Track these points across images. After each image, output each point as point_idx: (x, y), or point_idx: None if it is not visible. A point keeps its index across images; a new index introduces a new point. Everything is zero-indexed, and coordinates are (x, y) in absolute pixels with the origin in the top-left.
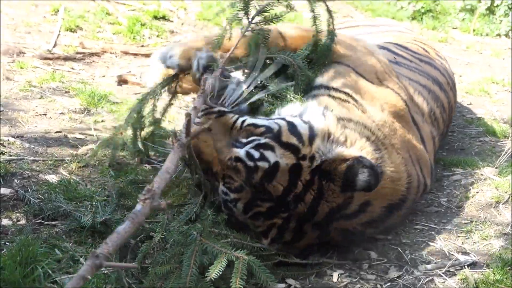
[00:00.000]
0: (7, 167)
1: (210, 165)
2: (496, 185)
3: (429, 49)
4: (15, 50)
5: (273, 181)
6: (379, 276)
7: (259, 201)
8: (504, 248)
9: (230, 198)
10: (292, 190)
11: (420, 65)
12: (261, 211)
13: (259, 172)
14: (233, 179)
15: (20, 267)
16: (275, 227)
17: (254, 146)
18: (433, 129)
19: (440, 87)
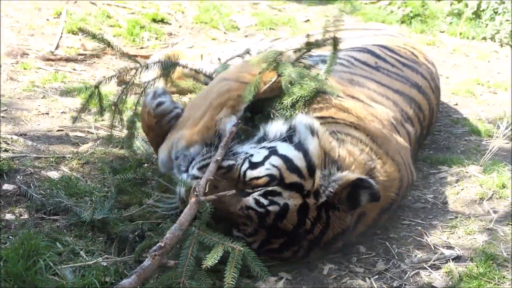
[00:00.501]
0: (10, 164)
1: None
2: (480, 182)
3: (418, 54)
4: (19, 51)
5: (284, 220)
6: (367, 269)
7: (272, 239)
8: (488, 243)
9: (245, 241)
10: (301, 227)
11: (402, 69)
12: (274, 248)
13: (271, 215)
14: (247, 225)
15: (22, 260)
16: (283, 259)
17: (262, 194)
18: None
19: (418, 90)
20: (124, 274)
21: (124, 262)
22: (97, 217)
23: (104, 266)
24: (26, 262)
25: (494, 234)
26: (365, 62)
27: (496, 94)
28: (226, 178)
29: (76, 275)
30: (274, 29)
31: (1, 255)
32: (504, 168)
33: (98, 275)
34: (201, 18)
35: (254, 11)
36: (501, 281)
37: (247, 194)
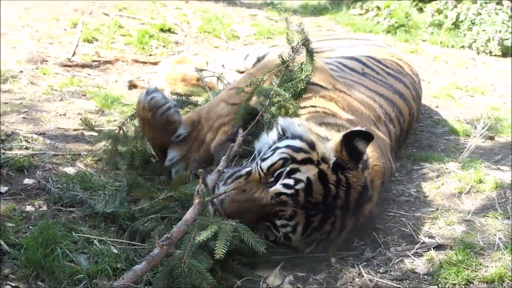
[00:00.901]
0: (30, 160)
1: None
2: (459, 177)
3: (404, 65)
4: (39, 58)
5: (313, 194)
6: (356, 257)
7: (311, 218)
8: (466, 233)
9: (290, 226)
10: (329, 194)
11: (386, 78)
12: (315, 227)
13: (300, 193)
14: (284, 210)
15: (41, 248)
16: (325, 233)
17: (285, 177)
18: (390, 126)
19: (400, 97)
20: (134, 261)
21: (134, 250)
22: (108, 210)
23: (116, 254)
24: (45, 250)
25: (472, 225)
26: (353, 68)
27: (473, 98)
28: (249, 181)
29: (90, 261)
30: (271, 38)
31: (22, 244)
32: (481, 165)
33: (110, 261)
34: (204, 28)
35: (253, 22)
36: (478, 267)
37: (272, 185)
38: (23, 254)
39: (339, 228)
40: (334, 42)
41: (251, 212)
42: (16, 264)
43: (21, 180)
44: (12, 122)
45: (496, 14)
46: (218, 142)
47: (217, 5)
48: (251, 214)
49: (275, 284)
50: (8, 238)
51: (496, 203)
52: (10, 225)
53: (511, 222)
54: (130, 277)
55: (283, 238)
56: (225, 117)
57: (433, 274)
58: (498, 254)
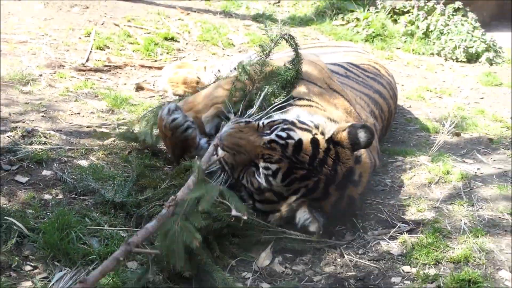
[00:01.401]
0: (48, 154)
1: (249, 153)
2: (429, 169)
3: (380, 68)
4: (56, 64)
5: (301, 152)
6: (338, 239)
7: (294, 169)
8: (435, 218)
9: (272, 169)
10: (316, 156)
11: (366, 80)
12: (296, 177)
13: (289, 147)
14: (272, 155)
15: (57, 232)
16: (307, 187)
17: (280, 130)
18: (375, 122)
19: (380, 96)
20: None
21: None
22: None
23: (124, 237)
24: (61, 234)
25: (440, 212)
26: (337, 72)
27: (441, 99)
28: (248, 127)
29: (101, 244)
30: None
31: (40, 228)
32: (448, 158)
33: (119, 244)
34: (203, 37)
35: (246, 31)
36: (446, 249)
37: (267, 135)
38: (41, 238)
39: (322, 190)
40: (318, 49)
41: (244, 150)
42: (35, 246)
43: (40, 171)
44: (32, 120)
45: (462, 25)
46: (209, 114)
47: (215, 17)
48: (244, 154)
49: (265, 264)
50: (28, 223)
51: (462, 192)
52: (30, 212)
53: (475, 209)
54: (142, 234)
55: (264, 182)
56: (219, 98)
57: (406, 255)
58: (464, 238)
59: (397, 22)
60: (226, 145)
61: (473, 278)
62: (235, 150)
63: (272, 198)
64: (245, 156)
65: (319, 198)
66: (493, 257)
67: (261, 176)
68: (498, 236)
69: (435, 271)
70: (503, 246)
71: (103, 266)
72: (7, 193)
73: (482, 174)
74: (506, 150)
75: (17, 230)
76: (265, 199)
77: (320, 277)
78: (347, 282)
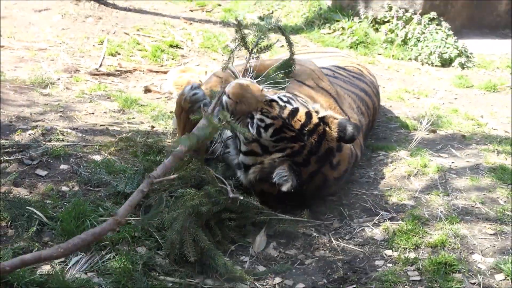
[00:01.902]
0: (65, 150)
1: (250, 105)
2: (408, 163)
3: (362, 69)
4: (73, 68)
5: (295, 118)
6: (326, 227)
7: (285, 129)
8: (414, 207)
9: (265, 123)
10: (307, 125)
11: (352, 79)
12: (285, 137)
13: (286, 110)
14: (269, 111)
15: (74, 220)
16: (292, 149)
17: (282, 95)
18: (361, 118)
19: (365, 93)
20: (148, 230)
21: (149, 222)
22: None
23: (134, 225)
24: (77, 222)
25: (419, 201)
26: (327, 74)
27: (419, 99)
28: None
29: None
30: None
31: (58, 217)
32: (425, 152)
33: (130, 231)
34: (205, 44)
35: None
36: (424, 235)
37: (270, 96)
38: (59, 225)
39: (304, 157)
40: (307, 55)
41: (246, 102)
42: (53, 233)
43: (58, 166)
44: (51, 120)
45: (437, 33)
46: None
47: (215, 26)
48: (245, 105)
49: (261, 248)
50: (47, 212)
51: (438, 183)
52: (49, 202)
53: (450, 198)
54: (161, 168)
55: (255, 132)
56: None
57: (388, 240)
58: (440, 224)
59: (378, 31)
60: (233, 92)
61: (449, 261)
62: (239, 98)
63: (257, 150)
64: (245, 107)
65: (299, 164)
66: (467, 242)
67: (254, 127)
68: (471, 223)
69: (415, 255)
70: (476, 232)
71: (130, 199)
72: (28, 185)
73: (456, 167)
74: (477, 145)
75: (37, 219)
76: (250, 151)
77: (311, 260)
78: (335, 265)
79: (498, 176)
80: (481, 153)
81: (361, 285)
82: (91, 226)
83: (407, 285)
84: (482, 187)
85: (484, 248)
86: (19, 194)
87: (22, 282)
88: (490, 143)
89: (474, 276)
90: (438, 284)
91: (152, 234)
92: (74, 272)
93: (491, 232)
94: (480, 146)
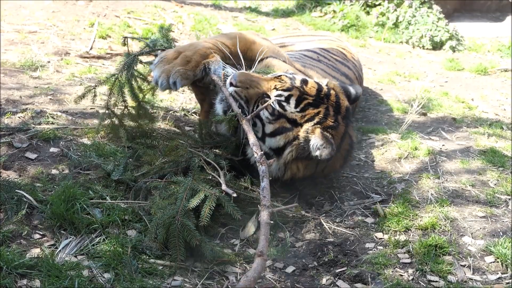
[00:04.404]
0: (55, 133)
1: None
2: (399, 146)
3: (347, 53)
4: (63, 51)
5: (308, 85)
6: (317, 209)
7: (305, 95)
8: (404, 190)
9: (284, 96)
10: (321, 90)
11: (335, 63)
12: (309, 102)
13: (297, 80)
14: (283, 84)
15: (64, 203)
16: (320, 114)
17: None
18: None
19: (346, 77)
20: (138, 214)
21: (139, 205)
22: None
23: (124, 208)
24: (66, 205)
25: (409, 183)
26: (310, 57)
27: (410, 82)
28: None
29: (103, 214)
30: None
31: (48, 200)
32: (416, 135)
33: (120, 214)
34: (196, 27)
35: (234, 22)
36: (414, 217)
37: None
38: (49, 209)
39: (333, 118)
40: (295, 38)
41: (256, 84)
42: (43, 216)
43: (48, 148)
44: (41, 102)
45: (428, 16)
46: (213, 60)
47: (206, 9)
48: (256, 87)
49: (251, 232)
50: (37, 195)
51: (429, 166)
52: (38, 185)
53: (441, 181)
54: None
55: (278, 107)
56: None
57: (379, 223)
58: (431, 207)
59: (370, 14)
60: (239, 80)
61: (439, 244)
62: (247, 84)
63: (286, 125)
64: (257, 90)
65: (331, 127)
66: (457, 224)
67: (275, 103)
68: (461, 206)
69: (405, 238)
70: (466, 214)
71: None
72: (17, 169)
73: (447, 150)
74: (468, 128)
75: (27, 202)
76: (279, 128)
77: (302, 243)
78: (326, 248)
79: (489, 159)
80: (472, 136)
81: (351, 268)
82: (81, 209)
83: (398, 267)
84: (472, 169)
85: (474, 230)
86: (8, 177)
87: (12, 265)
88: (480, 126)
89: (464, 259)
90: (428, 266)
91: (142, 217)
92: (63, 255)
93: (481, 215)
94: (470, 129)
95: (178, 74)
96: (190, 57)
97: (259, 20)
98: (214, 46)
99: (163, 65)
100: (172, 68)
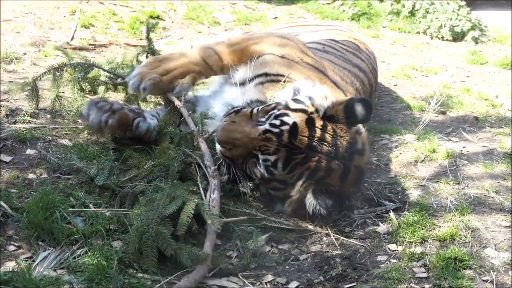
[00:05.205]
0: (32, 133)
1: (246, 146)
2: (415, 148)
3: (360, 44)
4: (41, 42)
5: (298, 136)
6: (325, 218)
7: (293, 155)
8: (421, 197)
9: (271, 161)
10: (314, 136)
11: (345, 54)
12: (297, 162)
13: (284, 134)
14: (268, 146)
15: (42, 211)
16: (309, 169)
17: (273, 118)
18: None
19: (359, 69)
20: (124, 223)
21: (125, 213)
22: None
23: (109, 216)
24: (45, 213)
25: (426, 190)
26: (315, 48)
27: (427, 77)
28: (240, 116)
29: (86, 223)
30: (249, 25)
31: (24, 207)
32: (434, 136)
33: (104, 223)
34: (189, 15)
35: (232, 9)
36: (432, 227)
37: (262, 124)
38: (25, 217)
39: (325, 168)
40: (300, 28)
41: (240, 143)
42: (19, 226)
43: (24, 150)
44: (16, 99)
45: (448, 3)
46: (185, 82)
47: None
48: (240, 147)
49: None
50: (12, 202)
51: (448, 170)
52: (13, 191)
53: (461, 187)
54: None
55: (266, 172)
56: (195, 66)
57: (392, 233)
58: (450, 216)
59: (383, 1)
60: (222, 140)
61: (459, 256)
62: (231, 144)
63: (278, 185)
64: (243, 149)
65: (323, 177)
66: (479, 235)
67: (262, 167)
68: (484, 214)
69: (421, 250)
70: (489, 224)
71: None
72: None
73: (468, 152)
74: (491, 128)
75: (0, 210)
76: (273, 188)
77: (306, 256)
78: (333, 261)
79: None
80: (496, 137)
81: (361, 283)
82: (61, 218)
83: (413, 282)
84: (496, 174)
85: (498, 242)
86: None
87: None
88: (505, 126)
89: (487, 273)
90: (447, 282)
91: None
92: (41, 269)
93: (506, 224)
94: (494, 129)
95: (151, 81)
96: (170, 69)
97: (259, 7)
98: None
99: (144, 68)
100: (149, 74)
